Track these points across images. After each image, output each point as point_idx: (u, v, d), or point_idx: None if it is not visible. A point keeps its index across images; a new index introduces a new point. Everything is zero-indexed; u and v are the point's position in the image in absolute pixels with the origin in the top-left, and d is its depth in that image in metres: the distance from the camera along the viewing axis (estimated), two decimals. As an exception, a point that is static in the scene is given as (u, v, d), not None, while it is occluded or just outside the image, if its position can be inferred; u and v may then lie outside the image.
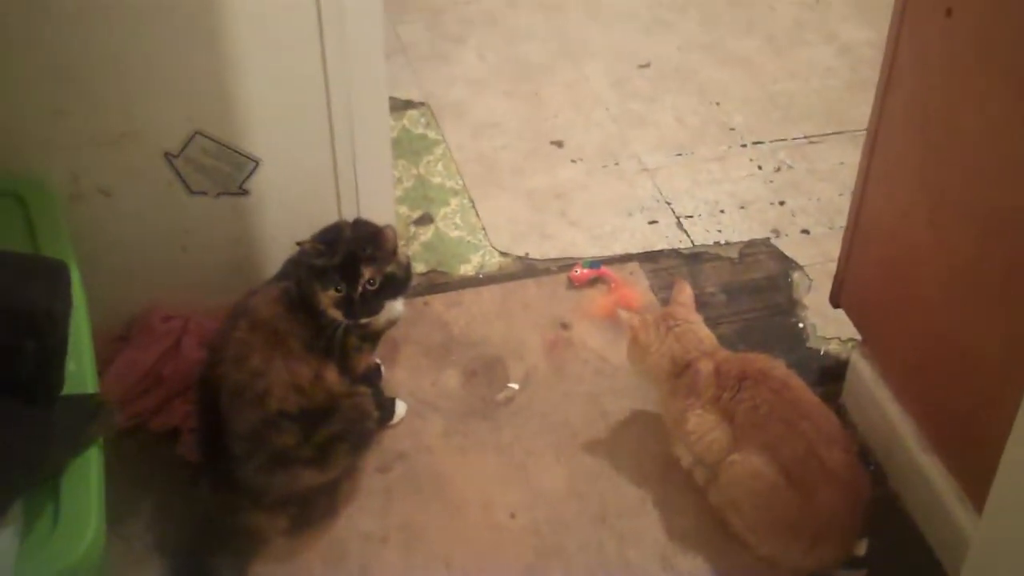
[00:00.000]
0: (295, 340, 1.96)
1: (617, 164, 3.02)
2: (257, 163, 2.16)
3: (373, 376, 2.21)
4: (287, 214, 2.25)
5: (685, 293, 2.15)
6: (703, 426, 2.01)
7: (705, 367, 2.03)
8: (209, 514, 1.95)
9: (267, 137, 2.15)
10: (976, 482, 1.86)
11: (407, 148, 3.03)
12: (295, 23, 2.03)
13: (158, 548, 1.97)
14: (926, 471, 1.99)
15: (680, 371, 2.05)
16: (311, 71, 2.09)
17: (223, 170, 2.15)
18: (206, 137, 2.10)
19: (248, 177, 2.18)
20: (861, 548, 1.98)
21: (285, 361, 1.94)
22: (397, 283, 2.05)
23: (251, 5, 1.98)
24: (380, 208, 2.32)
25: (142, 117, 2.06)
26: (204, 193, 2.17)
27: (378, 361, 2.26)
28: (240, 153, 2.14)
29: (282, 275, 2.08)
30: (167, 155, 2.10)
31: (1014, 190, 1.66)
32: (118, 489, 1.99)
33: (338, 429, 1.98)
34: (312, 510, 2.02)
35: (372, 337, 2.12)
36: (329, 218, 2.20)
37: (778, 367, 2.02)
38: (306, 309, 1.99)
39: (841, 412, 2.24)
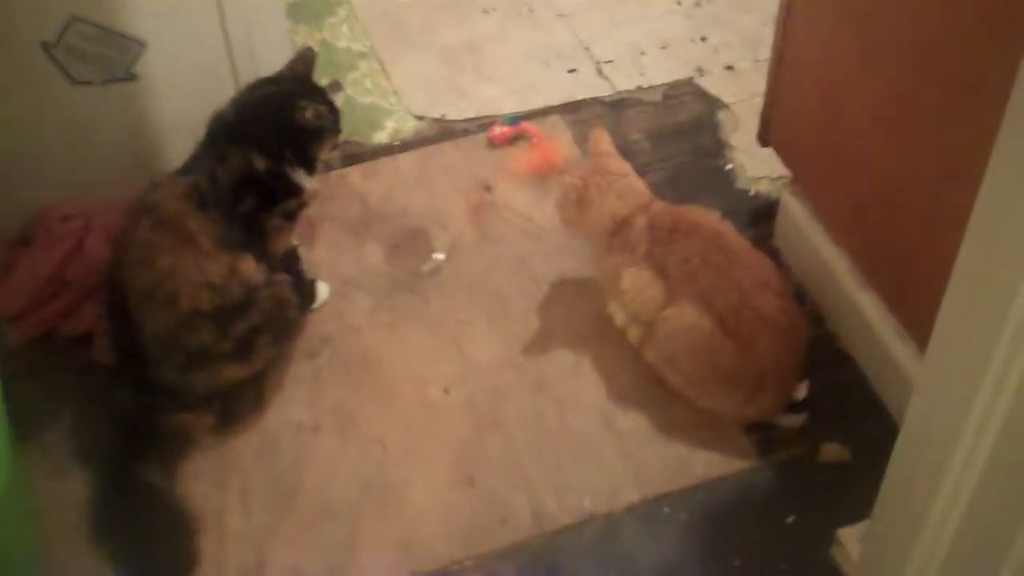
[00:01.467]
0: (205, 237, 1.87)
1: (531, 11, 2.89)
2: (143, 45, 2.03)
3: (291, 260, 2.13)
4: (182, 96, 2.13)
5: (606, 142, 2.06)
6: (638, 283, 1.95)
7: (639, 221, 1.96)
8: (130, 418, 1.88)
9: (151, 16, 2.02)
10: (915, 317, 1.83)
11: (308, 11, 2.88)
12: None
13: (79, 457, 1.90)
14: (863, 309, 1.96)
15: (618, 227, 1.98)
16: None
17: (106, 56, 2.01)
18: (84, 22, 1.96)
19: (134, 61, 2.04)
20: (801, 391, 1.95)
21: (195, 259, 1.85)
22: None
23: None
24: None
25: (10, 6, 1.92)
26: (89, 82, 2.04)
27: (296, 243, 2.17)
28: (123, 35, 2.01)
29: (187, 170, 1.96)
30: (44, 45, 1.96)
31: (947, 13, 1.58)
32: (33, 399, 1.95)
33: (257, 321, 1.91)
34: (239, 404, 1.96)
35: (294, 213, 2.05)
36: (228, 94, 2.08)
37: (709, 217, 1.96)
38: (217, 204, 1.90)
39: (774, 254, 2.19)
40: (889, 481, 1.45)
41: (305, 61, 2.09)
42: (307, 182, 2.04)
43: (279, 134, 1.98)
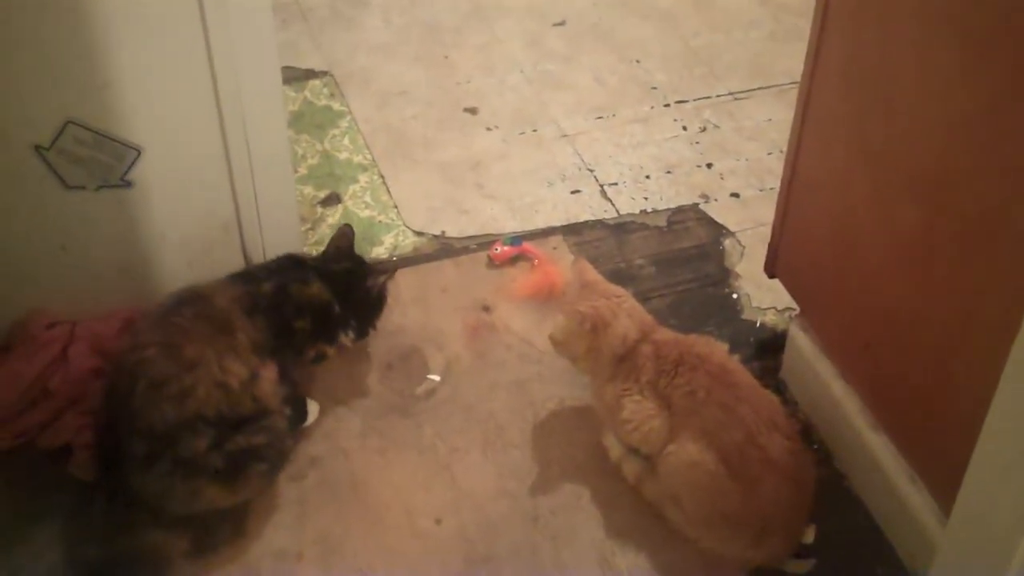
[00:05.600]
0: (244, 336, 1.86)
1: (535, 130, 2.87)
2: (139, 151, 1.97)
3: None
4: (177, 205, 2.07)
5: (591, 271, 2.00)
6: (641, 413, 1.87)
7: (645, 349, 1.89)
8: (105, 536, 1.78)
9: (149, 123, 1.96)
10: (928, 463, 1.77)
11: (310, 122, 2.85)
12: (172, -5, 1.85)
13: (50, 579, 1.80)
14: (874, 450, 1.89)
15: (626, 353, 1.91)
16: (193, 47, 1.91)
17: (101, 161, 1.96)
18: (80, 126, 1.91)
19: (130, 167, 1.99)
20: (809, 535, 1.88)
21: (220, 357, 1.82)
22: None
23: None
24: (280, 192, 2.17)
25: (6, 107, 1.87)
26: (82, 187, 1.98)
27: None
28: (119, 141, 1.95)
29: (250, 278, 2.00)
30: (37, 148, 1.91)
31: (962, 151, 1.54)
32: (3, 515, 1.84)
33: (259, 442, 1.83)
34: (218, 529, 1.86)
35: (322, 357, 2.12)
36: (223, 207, 2.07)
37: (717, 350, 1.89)
38: (269, 312, 1.94)
39: (781, 388, 2.13)
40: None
41: (346, 238, 2.16)
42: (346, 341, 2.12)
43: (351, 304, 2.09)
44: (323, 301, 2.04)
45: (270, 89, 2.04)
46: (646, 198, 2.65)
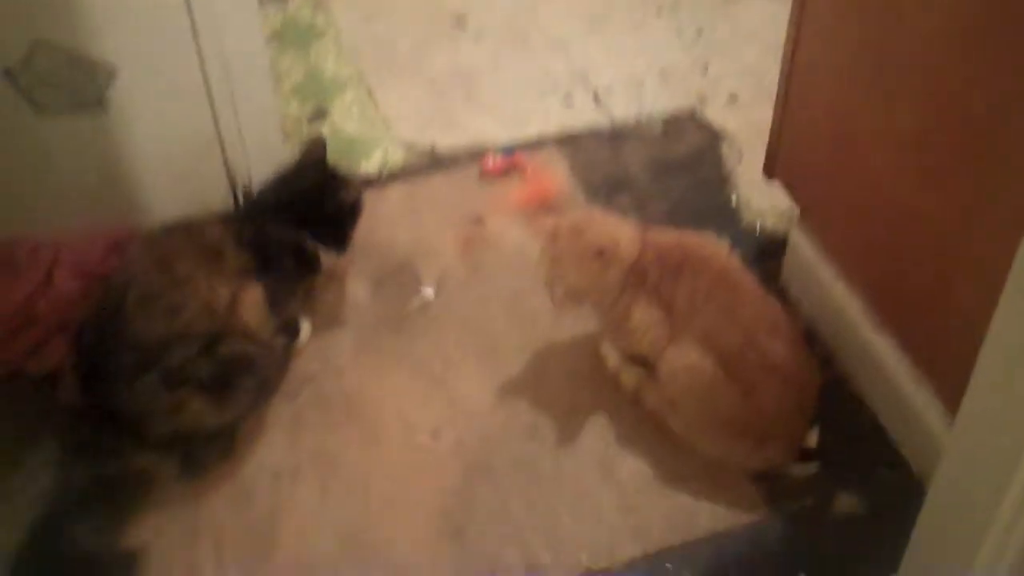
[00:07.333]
0: (234, 261, 1.86)
1: (526, 39, 2.80)
2: (113, 71, 1.91)
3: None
4: (154, 124, 2.03)
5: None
6: (648, 319, 1.82)
7: (647, 255, 1.83)
8: (94, 460, 1.80)
9: (122, 40, 1.91)
10: (932, 362, 1.74)
11: (294, 38, 2.79)
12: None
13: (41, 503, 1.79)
14: (877, 351, 1.86)
15: (639, 256, 1.83)
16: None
17: (74, 82, 1.91)
18: (49, 47, 1.85)
19: (104, 87, 1.93)
20: (812, 439, 1.85)
21: (209, 277, 1.81)
22: None
23: None
24: (262, 108, 2.12)
25: (-30, 30, 1.82)
26: (56, 110, 1.93)
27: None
28: (91, 60, 1.90)
29: (234, 218, 2.00)
30: (6, 71, 1.86)
31: (969, 46, 1.48)
32: None
33: (249, 351, 1.82)
34: (208, 450, 1.84)
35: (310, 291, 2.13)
36: (203, 123, 2.03)
37: (720, 252, 1.84)
38: (255, 250, 1.91)
39: (782, 292, 2.09)
40: (917, 543, 1.34)
41: (317, 150, 2.09)
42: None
43: (324, 218, 2.04)
44: (294, 242, 2.01)
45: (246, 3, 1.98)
46: (641, 105, 2.58)
